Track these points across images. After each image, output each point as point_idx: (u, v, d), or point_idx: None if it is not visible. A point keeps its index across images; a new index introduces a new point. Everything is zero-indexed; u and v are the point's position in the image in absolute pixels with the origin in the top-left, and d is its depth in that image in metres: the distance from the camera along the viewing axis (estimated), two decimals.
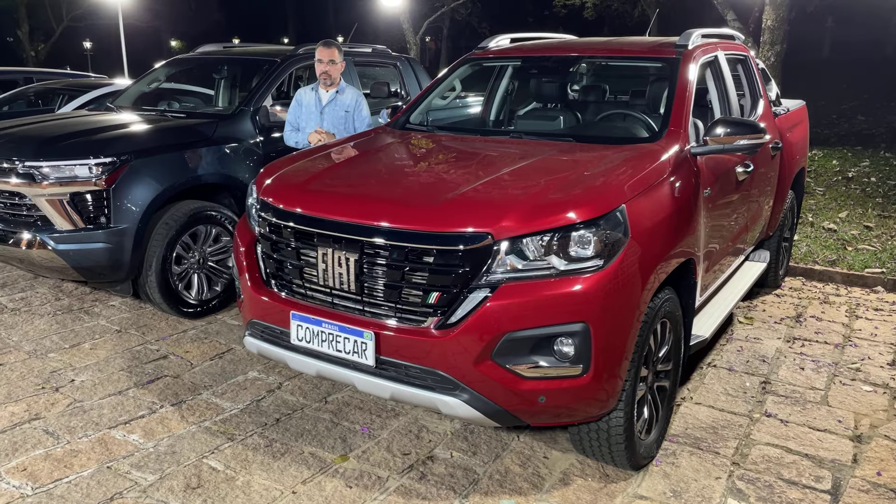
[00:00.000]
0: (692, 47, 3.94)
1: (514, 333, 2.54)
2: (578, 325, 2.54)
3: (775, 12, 10.24)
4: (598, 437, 2.94)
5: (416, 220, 2.66)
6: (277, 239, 3.02)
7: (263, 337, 3.12)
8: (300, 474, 3.07)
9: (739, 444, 3.38)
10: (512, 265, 2.60)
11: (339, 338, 2.79)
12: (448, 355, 2.60)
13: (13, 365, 4.14)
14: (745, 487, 3.04)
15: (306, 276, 2.93)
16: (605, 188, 2.76)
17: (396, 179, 3.12)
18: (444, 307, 2.64)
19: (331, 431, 3.46)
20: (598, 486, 3.03)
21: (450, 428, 3.51)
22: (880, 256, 6.21)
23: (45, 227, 4.43)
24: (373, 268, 2.73)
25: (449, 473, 3.11)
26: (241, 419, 3.56)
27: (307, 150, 3.76)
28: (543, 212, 2.61)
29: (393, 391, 2.74)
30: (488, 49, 4.57)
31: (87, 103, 7.51)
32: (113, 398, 3.75)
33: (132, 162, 4.47)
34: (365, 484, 3.01)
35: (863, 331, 4.89)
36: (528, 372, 2.58)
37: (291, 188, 3.10)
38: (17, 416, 3.51)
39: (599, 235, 2.59)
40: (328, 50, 4.85)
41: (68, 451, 3.20)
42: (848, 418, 3.67)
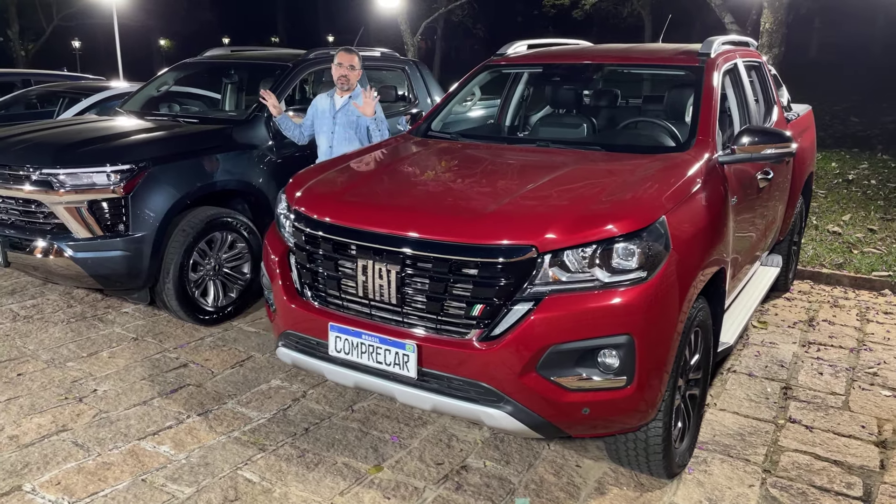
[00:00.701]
0: (714, 55, 3.97)
1: (559, 346, 2.55)
2: (623, 338, 2.55)
3: (774, 15, 10.33)
4: (635, 447, 2.95)
5: (460, 233, 2.66)
6: (314, 250, 3.01)
7: (298, 348, 3.11)
8: (336, 486, 3.06)
9: (769, 451, 3.41)
10: (555, 277, 2.60)
11: (380, 349, 2.79)
12: (492, 367, 2.60)
13: (33, 375, 4.10)
14: (778, 495, 3.06)
15: (345, 288, 2.92)
16: (646, 200, 2.78)
17: (433, 190, 3.11)
18: (486, 319, 2.64)
19: (361, 441, 3.45)
20: (634, 495, 3.04)
21: (479, 437, 3.51)
22: (886, 259, 6.28)
23: (62, 235, 4.39)
24: (415, 280, 2.73)
25: (484, 483, 3.11)
26: (270, 429, 3.55)
27: (335, 159, 3.74)
28: (586, 224, 2.62)
29: (434, 403, 2.74)
30: (507, 56, 4.58)
31: (91, 107, 7.45)
32: (138, 408, 3.72)
33: (150, 169, 4.44)
34: (402, 495, 3.01)
35: (875, 335, 4.94)
36: (572, 384, 2.59)
37: (327, 199, 3.09)
38: (44, 428, 3.48)
39: (642, 247, 2.60)
40: (349, 55, 4.86)
41: (100, 464, 3.18)
42: (871, 424, 3.71)
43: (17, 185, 4.41)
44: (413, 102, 6.84)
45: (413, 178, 3.37)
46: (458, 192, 3.03)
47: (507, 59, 4.55)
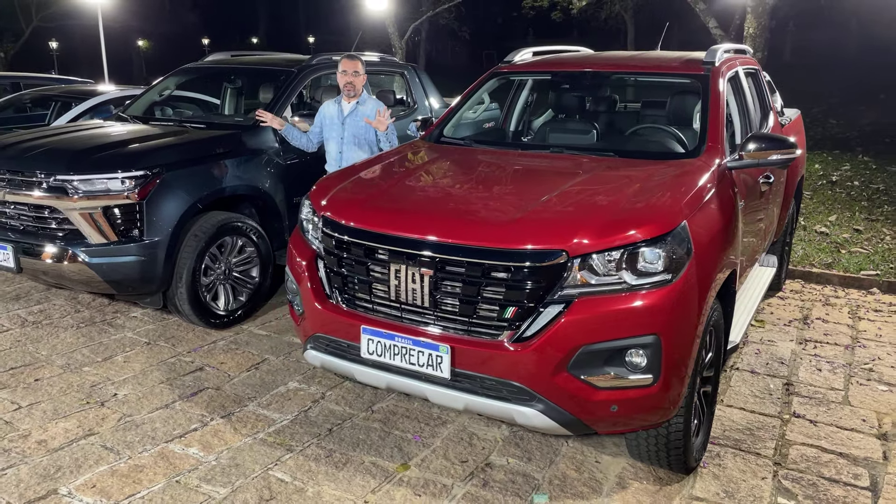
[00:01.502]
0: (718, 63, 4.11)
1: (590, 346, 2.66)
2: (650, 338, 2.67)
3: (757, 20, 10.56)
4: (656, 443, 3.07)
5: (494, 238, 2.76)
6: (345, 255, 3.09)
7: (328, 350, 3.19)
8: (367, 484, 3.15)
9: (777, 445, 3.55)
10: (584, 280, 2.71)
11: (413, 351, 2.88)
12: (525, 367, 2.70)
13: (50, 380, 4.12)
14: (791, 486, 3.20)
15: (377, 292, 3.01)
16: (668, 206, 2.90)
17: (462, 196, 3.20)
18: (518, 321, 2.75)
19: (384, 440, 3.54)
20: (654, 489, 3.16)
21: (499, 434, 3.61)
22: (873, 259, 6.49)
23: (76, 241, 4.41)
24: (448, 283, 2.82)
25: (510, 480, 3.21)
26: (294, 430, 3.62)
27: (355, 166, 3.82)
28: (614, 229, 2.74)
29: (467, 402, 2.84)
30: (514, 63, 4.69)
31: (85, 112, 7.43)
32: (161, 412, 3.77)
33: (164, 175, 4.48)
34: (432, 492, 3.10)
35: (867, 332, 5.13)
36: (601, 382, 2.70)
37: (358, 205, 3.17)
38: (71, 433, 3.52)
39: (667, 251, 2.72)
40: (352, 62, 4.93)
41: (132, 467, 3.23)
42: (871, 417, 3.87)
43: (30, 192, 4.43)
44: (412, 107, 6.94)
45: (439, 184, 3.46)
46: (485, 198, 3.12)
47: (515, 66, 4.66)
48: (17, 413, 3.72)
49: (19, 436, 3.49)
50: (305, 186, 5.45)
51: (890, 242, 6.97)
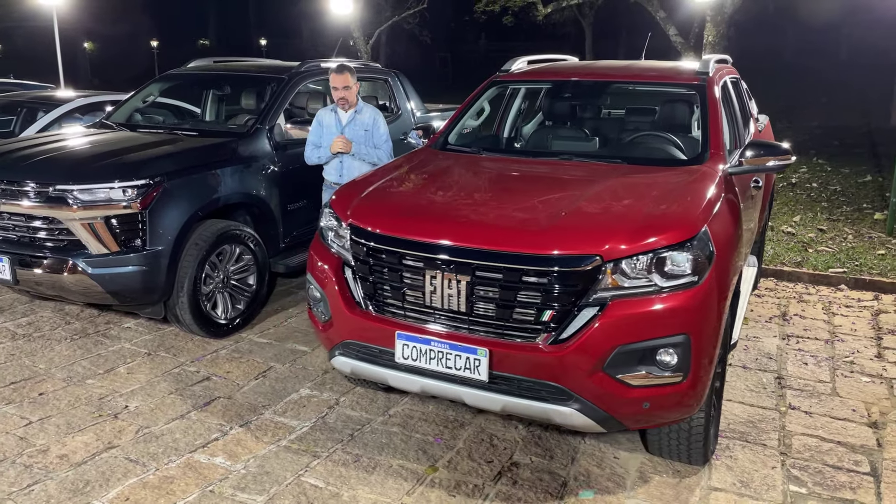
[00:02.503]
0: (712, 73, 4.31)
1: (625, 346, 2.78)
2: (680, 337, 2.81)
3: (716, 29, 10.97)
4: (678, 437, 3.22)
5: (530, 244, 2.86)
6: (378, 262, 3.14)
7: (359, 356, 3.24)
8: (401, 487, 3.21)
9: (780, 436, 3.74)
10: (617, 283, 2.84)
11: (450, 355, 2.95)
12: (563, 368, 2.81)
13: (55, 393, 4.05)
14: (799, 475, 3.39)
15: (411, 297, 3.07)
16: (690, 211, 3.05)
17: (489, 204, 3.29)
18: (555, 324, 2.85)
19: (407, 444, 3.60)
20: (675, 482, 3.31)
21: (517, 435, 3.71)
22: (839, 257, 6.83)
23: (76, 251, 4.34)
24: (485, 289, 2.91)
25: (537, 477, 3.32)
26: (316, 437, 3.65)
27: (372, 174, 3.87)
28: (644, 234, 2.87)
29: (505, 403, 2.93)
30: (512, 72, 4.81)
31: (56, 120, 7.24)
32: (178, 422, 3.75)
33: (165, 184, 4.45)
34: (466, 492, 3.18)
35: (843, 327, 5.41)
36: (635, 381, 2.83)
37: (388, 214, 3.23)
38: (91, 446, 3.47)
39: (694, 254, 2.86)
40: (341, 76, 4.90)
41: (162, 478, 3.22)
42: (860, 407, 4.11)
43: (28, 202, 4.34)
44: (395, 112, 6.99)
45: (464, 192, 3.54)
46: (514, 205, 3.22)
47: (513, 75, 4.78)
48: (29, 428, 3.65)
49: (38, 451, 3.43)
50: (299, 193, 5.51)
51: (852, 241, 7.34)
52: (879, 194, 9.30)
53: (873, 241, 7.32)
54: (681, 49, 11.67)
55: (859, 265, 6.63)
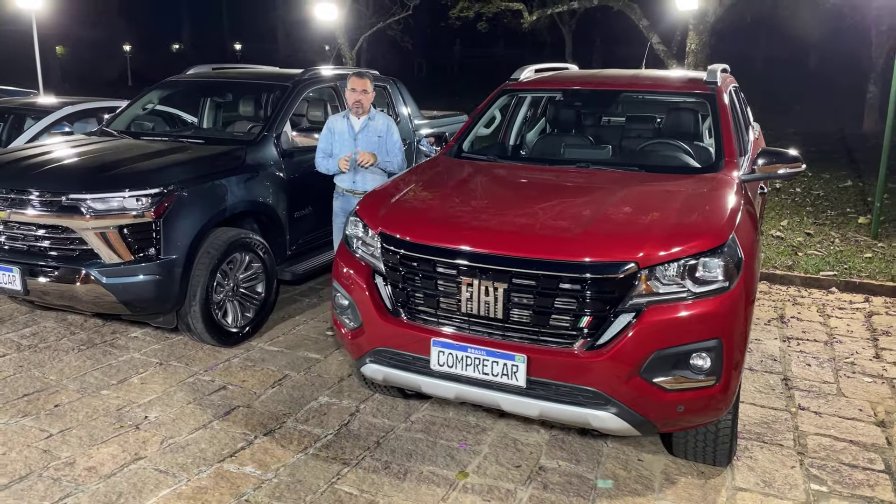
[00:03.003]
0: (720, 83, 4.42)
1: (661, 351, 2.85)
2: (714, 341, 2.88)
3: (699, 37, 11.18)
4: (704, 439, 3.30)
5: (566, 252, 2.91)
6: (411, 270, 3.17)
7: (392, 363, 3.26)
8: (434, 493, 3.23)
9: (795, 436, 3.84)
10: (652, 289, 2.90)
11: (487, 362, 2.99)
12: (601, 373, 2.87)
13: (72, 405, 4.01)
14: (819, 473, 3.49)
15: (447, 305, 3.11)
16: (720, 218, 3.13)
17: (520, 212, 3.32)
18: (591, 329, 2.91)
19: (434, 450, 3.63)
20: (700, 483, 3.38)
21: (540, 439, 3.76)
22: (828, 260, 7.01)
23: (89, 261, 4.30)
24: (522, 296, 2.96)
25: (566, 481, 3.37)
26: (342, 444, 3.66)
27: (393, 183, 3.89)
28: (677, 241, 2.94)
29: (542, 409, 2.98)
30: (522, 81, 4.87)
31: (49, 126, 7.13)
32: (201, 432, 3.73)
33: (179, 192, 4.43)
34: (499, 497, 3.22)
35: (839, 328, 5.56)
36: (670, 385, 2.90)
37: (419, 222, 3.26)
38: (117, 458, 3.45)
39: (724, 260, 2.94)
40: (361, 80, 4.97)
41: (195, 489, 3.21)
42: (866, 407, 4.23)
43: (39, 211, 4.29)
44: (395, 119, 7.01)
45: (491, 200, 3.58)
46: (545, 213, 3.27)
47: (523, 83, 4.84)
48: (50, 441, 3.61)
49: (64, 464, 3.39)
50: (305, 200, 5.51)
51: (840, 245, 7.54)
52: (861, 199, 9.56)
53: (860, 245, 7.53)
54: (664, 57, 11.87)
55: (848, 268, 6.81)
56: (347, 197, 4.99)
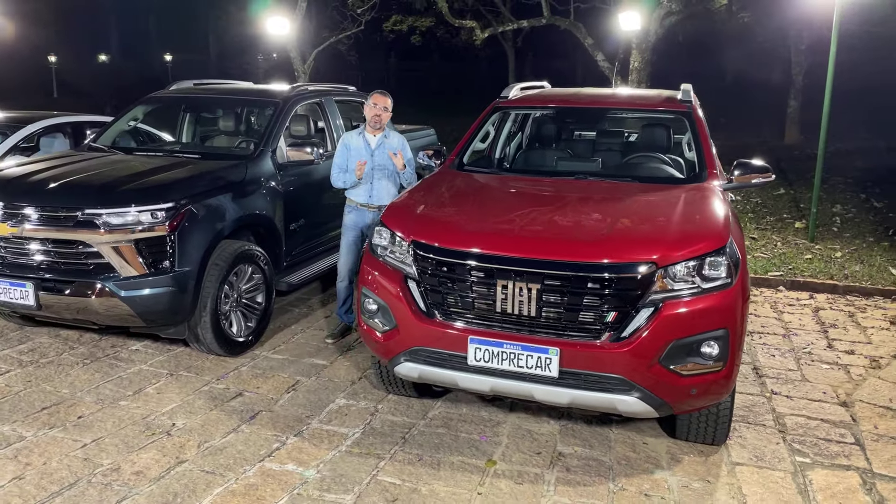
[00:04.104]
0: (693, 101, 4.88)
1: (678, 341, 3.22)
2: (721, 331, 3.27)
3: (641, 55, 11.87)
4: (706, 421, 3.69)
5: (594, 254, 3.26)
6: (447, 274, 3.45)
7: (428, 361, 3.52)
8: (470, 479, 3.51)
9: (774, 417, 4.30)
10: (667, 286, 3.28)
11: (522, 356, 3.30)
12: (626, 362, 3.22)
13: (95, 415, 4.08)
14: (801, 448, 3.93)
15: (483, 305, 3.40)
16: (718, 222, 3.55)
17: (544, 219, 3.64)
18: (616, 323, 3.26)
19: (457, 442, 3.90)
20: (702, 460, 3.77)
21: (550, 429, 4.08)
22: (775, 262, 7.64)
23: (105, 275, 4.38)
24: (554, 295, 3.28)
25: (585, 464, 3.70)
26: (371, 441, 3.88)
27: (412, 194, 4.16)
28: (687, 243, 3.33)
29: (573, 397, 3.30)
30: (511, 98, 5.22)
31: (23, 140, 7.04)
32: (234, 436, 3.89)
33: (190, 206, 4.56)
34: (531, 480, 3.52)
35: (792, 322, 6.13)
36: (685, 371, 3.27)
37: (454, 230, 3.55)
38: (161, 462, 3.57)
39: (727, 259, 3.35)
40: (383, 97, 5.14)
41: (246, 486, 3.38)
42: (829, 391, 4.74)
43: (53, 227, 4.35)
44: None
45: (513, 208, 3.89)
46: (565, 220, 3.61)
47: (513, 101, 5.19)
48: (87, 450, 3.69)
49: (109, 469, 3.50)
50: (299, 212, 5.70)
51: (782, 247, 8.21)
52: (794, 205, 10.36)
53: (799, 248, 8.22)
54: (609, 74, 12.52)
55: (792, 269, 7.45)
56: (361, 211, 5.13)
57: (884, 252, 7.99)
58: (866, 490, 3.54)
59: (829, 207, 10.12)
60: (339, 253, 6.30)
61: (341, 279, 5.30)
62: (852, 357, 5.31)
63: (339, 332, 5.35)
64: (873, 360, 5.25)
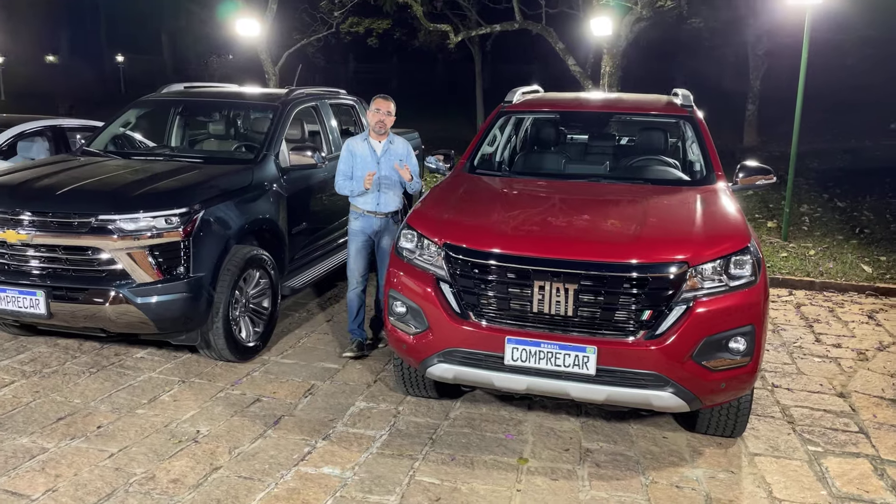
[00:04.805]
0: (693, 104, 5.05)
1: (710, 337, 3.35)
2: (749, 327, 3.42)
3: (612, 60, 12.13)
4: (727, 414, 3.83)
5: (628, 254, 3.36)
6: (482, 276, 3.51)
7: (463, 362, 3.58)
8: (507, 476, 3.57)
9: (781, 409, 4.48)
10: (699, 284, 3.41)
11: (559, 354, 3.38)
12: (661, 359, 3.33)
13: (115, 425, 4.02)
14: (811, 437, 4.12)
15: (519, 306, 3.47)
16: (740, 222, 3.70)
17: (572, 220, 3.74)
18: (651, 321, 3.37)
19: (485, 441, 3.96)
20: (722, 452, 3.92)
21: (571, 426, 4.18)
22: None
23: (118, 281, 4.31)
24: (590, 294, 3.37)
25: (612, 459, 3.80)
26: (399, 443, 3.91)
27: (434, 197, 4.20)
28: (715, 242, 3.47)
29: (609, 394, 3.40)
30: (515, 103, 5.31)
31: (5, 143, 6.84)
32: (262, 441, 3.87)
33: (203, 211, 4.51)
34: (564, 475, 3.60)
35: (779, 319, 6.37)
36: (715, 366, 3.40)
37: (487, 233, 3.62)
38: (196, 469, 3.54)
39: (751, 258, 3.50)
40: (387, 102, 5.02)
41: (288, 490, 3.38)
42: (824, 383, 4.96)
43: (65, 233, 4.26)
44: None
45: (538, 211, 3.96)
46: (594, 221, 3.71)
47: (517, 106, 5.29)
48: (116, 460, 3.63)
49: (144, 478, 3.45)
50: (301, 216, 5.68)
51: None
52: (764, 205, 10.73)
53: (774, 246, 8.53)
54: (580, 78, 12.75)
55: (770, 266, 7.73)
56: (368, 218, 5.03)
57: (854, 249, 8.35)
58: (878, 475, 3.73)
59: (797, 207, 10.51)
60: (334, 257, 6.33)
61: (353, 287, 5.15)
62: (840, 350, 5.56)
63: (357, 348, 5.14)
64: (860, 352, 5.50)
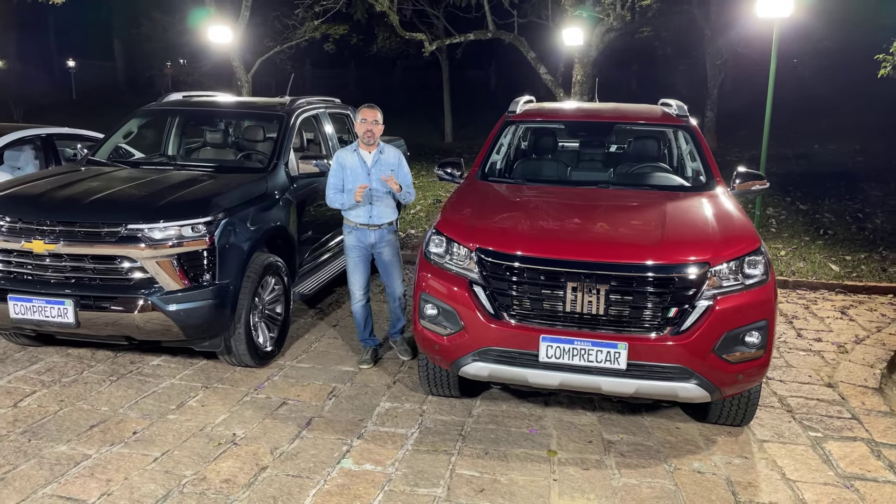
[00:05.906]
0: (688, 115, 5.37)
1: (730, 332, 3.62)
2: (763, 322, 3.70)
3: (583, 69, 12.50)
4: (738, 404, 4.11)
5: (655, 256, 3.62)
6: (516, 279, 3.72)
7: (498, 360, 3.78)
8: (541, 468, 3.78)
9: (779, 399, 4.80)
10: (718, 283, 3.68)
11: (592, 351, 3.61)
12: (686, 353, 3.59)
13: (150, 430, 4.09)
14: (810, 424, 4.44)
15: (552, 305, 3.69)
16: (749, 225, 4.00)
17: (596, 225, 3.98)
18: (676, 318, 3.63)
19: (512, 436, 4.16)
20: (733, 440, 4.20)
21: (588, 420, 4.41)
22: None
23: (147, 289, 4.37)
24: (620, 294, 3.61)
25: (635, 449, 4.04)
26: (431, 439, 4.08)
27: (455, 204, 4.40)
28: (732, 244, 3.76)
29: (638, 387, 3.64)
30: (519, 113, 5.54)
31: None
32: (300, 442, 4.00)
33: (226, 219, 4.61)
34: (594, 465, 3.83)
35: None
36: (734, 358, 3.67)
37: (519, 238, 3.83)
38: (244, 470, 3.65)
39: (763, 258, 3.79)
40: (373, 111, 5.07)
41: (338, 486, 3.52)
42: (812, 374, 5.31)
43: (94, 243, 4.31)
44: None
45: (561, 216, 4.20)
46: (618, 226, 3.96)
47: (522, 115, 5.52)
48: (162, 463, 3.71)
49: (196, 479, 3.55)
50: (309, 224, 5.81)
51: None
52: None
53: None
54: (551, 86, 13.10)
55: None
56: (362, 230, 5.00)
57: (820, 250, 8.84)
58: (876, 456, 4.05)
59: (764, 210, 11.01)
60: (337, 262, 6.45)
61: (357, 300, 5.16)
62: (821, 344, 5.93)
63: (372, 357, 5.21)
64: (840, 346, 5.88)
